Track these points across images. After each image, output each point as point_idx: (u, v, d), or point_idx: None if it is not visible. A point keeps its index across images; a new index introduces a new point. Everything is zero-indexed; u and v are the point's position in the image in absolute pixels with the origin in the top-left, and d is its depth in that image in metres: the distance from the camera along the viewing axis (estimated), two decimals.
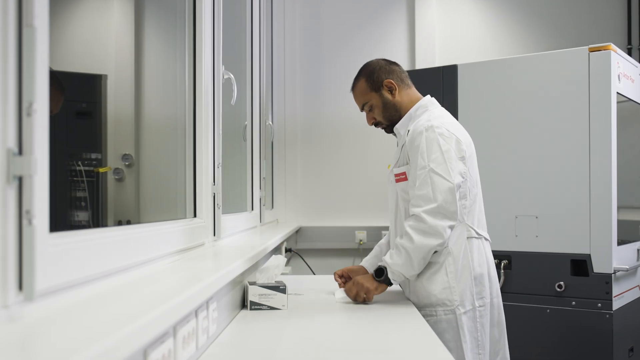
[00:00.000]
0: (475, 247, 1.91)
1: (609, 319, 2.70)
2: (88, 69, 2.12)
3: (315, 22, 4.22)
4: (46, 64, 0.79)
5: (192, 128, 1.83)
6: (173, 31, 2.10)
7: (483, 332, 1.88)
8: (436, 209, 1.78)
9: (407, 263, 1.81)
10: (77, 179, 1.96)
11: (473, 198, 1.92)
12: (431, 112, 1.96)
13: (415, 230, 1.79)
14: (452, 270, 1.86)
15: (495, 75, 3.11)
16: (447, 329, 1.84)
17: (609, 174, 2.73)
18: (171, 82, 2.14)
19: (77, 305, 0.87)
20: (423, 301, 1.89)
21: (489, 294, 1.91)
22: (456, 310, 1.85)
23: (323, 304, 1.93)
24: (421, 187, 1.81)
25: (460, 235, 1.88)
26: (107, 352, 0.66)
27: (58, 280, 0.84)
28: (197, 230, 1.69)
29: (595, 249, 2.75)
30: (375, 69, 2.01)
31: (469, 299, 1.86)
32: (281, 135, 4.12)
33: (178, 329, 1.06)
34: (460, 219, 1.87)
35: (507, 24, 4.17)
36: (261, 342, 1.48)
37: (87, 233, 1.03)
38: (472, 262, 1.88)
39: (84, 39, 2.16)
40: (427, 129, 1.85)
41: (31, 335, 0.72)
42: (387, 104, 1.99)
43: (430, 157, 1.81)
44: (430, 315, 1.86)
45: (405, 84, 2.02)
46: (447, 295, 1.85)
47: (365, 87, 2.00)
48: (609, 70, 2.74)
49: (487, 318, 1.90)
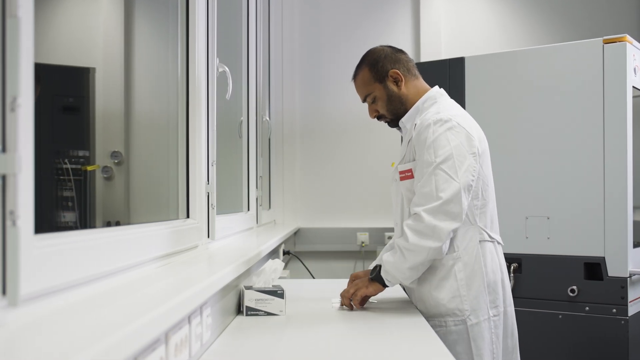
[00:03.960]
0: (488, 251, 1.86)
1: (625, 325, 2.71)
2: (75, 61, 2.12)
3: (315, 12, 4.22)
4: (31, 57, 0.79)
5: (185, 124, 1.83)
6: (165, 22, 2.09)
7: (498, 343, 1.84)
8: (437, 207, 1.72)
9: (399, 263, 1.77)
10: (64, 178, 1.96)
11: (486, 198, 1.87)
12: (440, 104, 1.90)
13: (411, 229, 1.74)
14: (462, 277, 1.81)
15: (504, 68, 3.11)
16: (458, 341, 1.79)
17: (624, 172, 2.74)
18: (163, 76, 2.14)
19: (63, 311, 0.87)
20: (431, 310, 1.84)
21: (502, 302, 1.87)
22: (467, 321, 1.80)
23: (323, 310, 1.93)
24: (425, 184, 1.76)
25: (471, 238, 1.83)
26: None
27: (44, 285, 0.84)
28: (190, 232, 1.69)
29: (609, 251, 2.75)
30: (380, 57, 1.94)
31: (482, 308, 1.81)
32: (279, 131, 4.12)
33: (170, 335, 1.06)
34: (472, 221, 1.83)
35: (516, 14, 4.17)
36: (257, 350, 1.47)
37: (75, 235, 1.03)
38: (485, 268, 1.83)
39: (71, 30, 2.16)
40: (435, 122, 1.80)
41: (15, 342, 0.72)
42: (392, 96, 1.93)
43: (437, 153, 1.76)
44: (440, 326, 1.81)
45: (412, 75, 1.96)
46: (457, 305, 1.80)
47: (369, 77, 1.94)
48: (624, 63, 2.74)
49: (501, 328, 1.86)
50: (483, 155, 1.87)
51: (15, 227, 0.75)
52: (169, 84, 2.01)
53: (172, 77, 1.95)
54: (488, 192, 1.89)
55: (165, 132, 2.03)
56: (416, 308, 1.92)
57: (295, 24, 4.20)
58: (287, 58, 4.18)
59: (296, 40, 4.21)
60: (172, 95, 1.91)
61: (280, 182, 4.14)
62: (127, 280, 1.16)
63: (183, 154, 1.83)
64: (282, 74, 4.16)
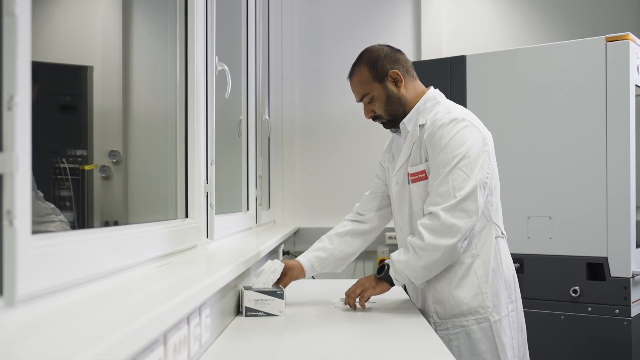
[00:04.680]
0: (502, 247, 1.89)
1: (627, 326, 2.71)
2: (72, 59, 2.12)
3: (315, 10, 4.22)
4: (28, 55, 0.79)
5: (184, 123, 1.83)
6: (164, 19, 2.09)
7: (516, 338, 1.86)
8: (454, 205, 1.73)
9: (412, 262, 1.77)
10: (61, 177, 1.96)
11: (497, 195, 1.90)
12: (445, 105, 1.91)
13: (427, 228, 1.74)
14: (482, 274, 1.81)
15: (506, 66, 3.11)
16: (482, 339, 1.79)
17: (627, 171, 2.74)
18: (161, 74, 2.14)
19: (61, 311, 0.87)
20: (451, 311, 1.82)
21: (514, 297, 1.90)
22: (490, 318, 1.80)
23: (323, 310, 1.93)
24: (441, 184, 1.76)
25: (488, 234, 1.84)
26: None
27: (41, 285, 0.84)
28: (188, 232, 1.69)
29: (612, 251, 2.75)
30: (379, 56, 1.92)
31: (502, 304, 1.83)
32: (278, 130, 4.12)
33: (169, 336, 1.06)
34: (488, 217, 1.85)
35: (518, 12, 4.17)
36: (257, 351, 1.48)
37: (72, 235, 1.03)
38: (502, 264, 1.86)
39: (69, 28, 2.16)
40: (449, 122, 1.80)
41: (12, 343, 0.72)
42: (391, 97, 1.91)
43: (453, 153, 1.76)
44: (461, 326, 1.81)
45: (411, 75, 1.95)
46: (480, 302, 1.80)
47: (368, 77, 1.91)
48: (627, 61, 2.74)
49: (517, 323, 1.88)
50: (492, 154, 1.89)
51: (13, 227, 0.75)
52: (168, 82, 2.01)
53: (170, 76, 1.95)
54: (498, 188, 1.92)
55: (163, 131, 2.03)
56: (418, 310, 1.92)
57: (295, 21, 4.20)
58: (286, 56, 4.18)
59: (296, 38, 4.20)
60: (171, 93, 1.91)
61: (279, 182, 4.14)
62: (126, 281, 1.16)
63: (182, 153, 1.83)
64: (281, 72, 4.15)
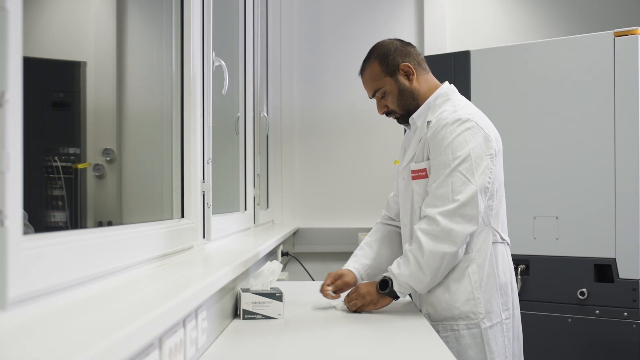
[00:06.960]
0: (500, 253, 1.89)
1: (636, 329, 2.71)
2: (65, 55, 2.12)
3: (314, 4, 4.21)
4: (20, 50, 0.79)
5: (180, 120, 1.83)
6: (159, 14, 2.09)
7: (510, 347, 1.86)
8: (454, 210, 1.73)
9: (416, 273, 1.77)
10: (54, 176, 1.96)
11: (499, 199, 1.89)
12: (454, 102, 1.90)
13: (425, 234, 1.75)
14: (476, 279, 1.82)
15: (511, 62, 3.11)
16: (471, 345, 1.81)
17: (636, 170, 2.74)
18: (157, 70, 2.14)
19: (53, 314, 0.87)
20: (442, 314, 1.84)
21: (511, 304, 1.89)
22: (481, 324, 1.81)
23: (323, 313, 1.93)
24: (440, 185, 1.77)
25: (485, 239, 1.84)
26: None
27: (33, 287, 0.84)
28: (184, 232, 1.69)
29: (621, 252, 2.75)
30: (390, 50, 1.93)
31: (495, 311, 1.83)
32: (277, 128, 4.13)
33: (164, 340, 1.06)
34: (486, 222, 1.84)
35: (524, 6, 4.16)
36: (255, 355, 1.48)
37: (65, 235, 1.03)
38: (497, 270, 1.86)
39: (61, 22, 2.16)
40: (453, 122, 1.80)
41: (3, 347, 0.72)
42: (403, 90, 1.92)
43: (454, 154, 1.77)
44: (452, 330, 1.82)
45: (423, 69, 1.96)
46: (472, 308, 1.81)
47: (379, 71, 1.92)
48: (636, 56, 2.74)
49: (512, 332, 1.88)
50: (498, 156, 1.89)
51: (3, 228, 0.75)
52: (163, 78, 2.01)
53: (166, 72, 1.95)
54: (501, 192, 1.91)
55: (159, 128, 2.03)
56: (419, 311, 1.93)
57: (294, 16, 4.20)
58: (285, 52, 4.18)
59: (295, 33, 4.20)
60: (166, 90, 1.91)
61: (278, 181, 4.14)
62: (120, 283, 1.16)
63: (177, 151, 1.83)
64: (280, 68, 4.15)
